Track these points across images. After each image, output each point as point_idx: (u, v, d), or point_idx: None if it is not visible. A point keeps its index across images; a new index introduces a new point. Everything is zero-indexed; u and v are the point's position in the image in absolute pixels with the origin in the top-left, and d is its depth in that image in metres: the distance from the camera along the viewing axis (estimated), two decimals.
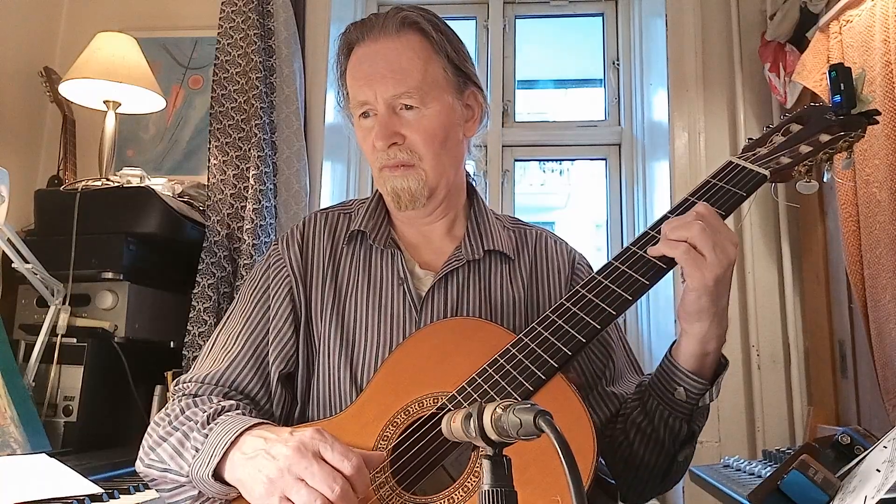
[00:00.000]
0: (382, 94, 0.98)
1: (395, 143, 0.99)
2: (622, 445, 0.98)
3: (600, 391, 1.04)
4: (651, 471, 0.98)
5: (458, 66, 1.03)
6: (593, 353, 1.06)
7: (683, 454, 0.97)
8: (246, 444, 0.83)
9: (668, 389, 0.92)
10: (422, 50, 0.99)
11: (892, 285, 1.48)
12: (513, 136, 2.57)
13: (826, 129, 0.95)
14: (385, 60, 0.98)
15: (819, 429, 1.89)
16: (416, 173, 1.00)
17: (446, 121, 1.01)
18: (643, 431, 0.96)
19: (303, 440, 0.79)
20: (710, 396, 0.92)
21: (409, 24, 1.00)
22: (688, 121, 2.23)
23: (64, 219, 1.79)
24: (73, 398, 1.66)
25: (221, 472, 0.85)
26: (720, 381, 0.92)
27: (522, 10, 2.68)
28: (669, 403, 0.92)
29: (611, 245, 2.50)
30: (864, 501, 0.72)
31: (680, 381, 0.91)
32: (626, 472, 0.99)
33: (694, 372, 0.90)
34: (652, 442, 0.95)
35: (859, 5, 1.63)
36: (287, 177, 2.18)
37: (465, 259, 1.04)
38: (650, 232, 0.92)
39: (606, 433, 1.01)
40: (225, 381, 0.99)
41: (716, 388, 0.91)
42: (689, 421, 0.93)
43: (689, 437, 0.95)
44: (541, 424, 0.53)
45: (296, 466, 0.77)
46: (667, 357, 0.93)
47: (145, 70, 2.06)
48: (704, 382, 0.90)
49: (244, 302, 1.06)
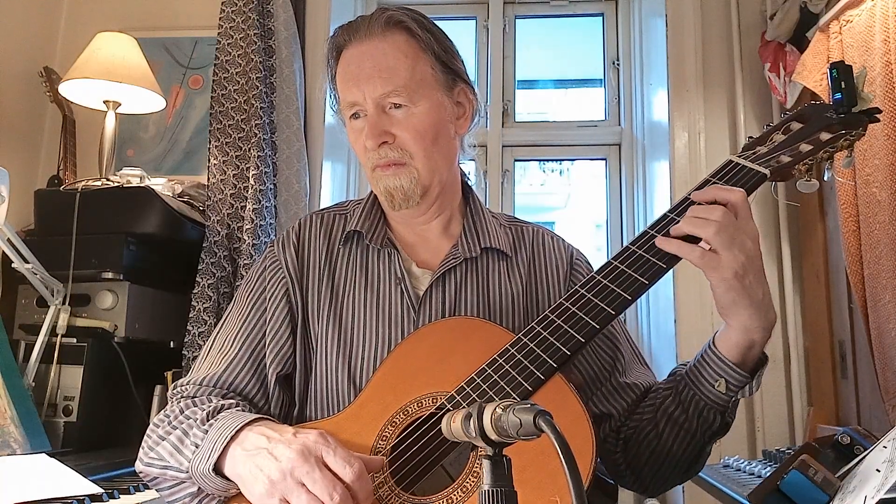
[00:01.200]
0: (370, 93, 0.98)
1: (385, 143, 0.99)
2: (649, 435, 0.97)
3: (613, 383, 1.04)
4: (677, 461, 0.97)
5: (446, 63, 1.02)
6: (600, 347, 1.05)
7: (710, 445, 0.97)
8: (248, 439, 0.83)
9: (709, 381, 0.91)
10: (408, 48, 0.99)
11: (892, 285, 1.48)
12: (513, 136, 2.57)
13: (826, 127, 0.94)
14: (372, 60, 0.98)
15: (819, 429, 1.88)
16: (408, 171, 1.00)
17: (436, 118, 1.01)
18: (675, 421, 0.95)
19: (306, 443, 0.79)
20: (751, 390, 0.91)
21: (394, 23, 1.00)
22: (688, 121, 2.23)
23: (64, 219, 1.79)
24: (73, 398, 1.66)
25: (221, 467, 0.84)
26: (761, 374, 0.91)
27: (522, 10, 2.68)
28: (707, 394, 0.91)
29: (611, 245, 2.50)
30: (864, 501, 0.72)
31: (723, 372, 0.90)
32: (651, 461, 0.98)
33: (737, 364, 0.89)
34: (683, 432, 0.94)
35: (859, 5, 1.63)
36: (287, 177, 2.19)
37: (462, 257, 1.04)
38: (650, 231, 0.92)
39: (631, 424, 1.00)
40: (222, 383, 0.99)
41: (756, 381, 0.91)
42: (723, 413, 0.92)
43: (722, 429, 0.95)
44: (541, 424, 0.53)
45: (298, 470, 0.77)
46: (710, 347, 0.92)
47: (145, 70, 2.06)
48: (747, 375, 0.89)
49: (241, 304, 1.06)
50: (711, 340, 0.92)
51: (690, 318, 2.11)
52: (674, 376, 0.99)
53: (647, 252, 0.90)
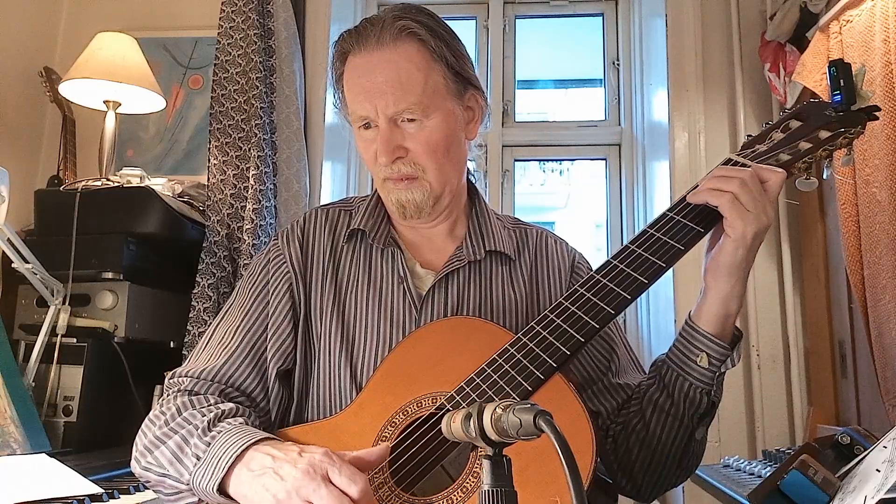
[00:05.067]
0: (383, 109, 0.96)
1: (398, 158, 0.98)
2: (637, 427, 0.96)
3: (606, 383, 1.04)
4: (668, 452, 0.96)
5: (457, 71, 1.01)
6: (596, 349, 1.05)
7: (701, 431, 0.96)
8: (254, 460, 0.82)
9: (690, 357, 0.91)
10: (420, 60, 0.98)
11: (892, 285, 1.48)
12: (513, 136, 2.57)
13: (826, 125, 0.94)
14: (383, 74, 0.96)
15: (819, 429, 1.88)
16: (421, 185, 1.00)
17: (448, 129, 1.00)
18: (661, 408, 0.94)
19: (312, 462, 0.79)
20: (732, 362, 0.91)
21: (406, 33, 0.98)
22: (688, 121, 2.23)
23: (64, 219, 1.79)
24: (73, 398, 1.66)
25: (225, 486, 0.84)
26: (739, 347, 0.92)
27: (522, 10, 2.68)
28: (690, 372, 0.91)
29: (611, 245, 2.50)
30: (864, 501, 0.72)
31: (702, 346, 0.90)
32: (641, 456, 0.97)
33: (716, 336, 0.89)
34: (670, 418, 0.94)
35: (859, 5, 1.63)
36: (287, 177, 2.19)
37: (466, 259, 1.04)
38: (650, 230, 0.92)
39: (619, 420, 1.00)
40: (221, 377, 0.98)
41: (736, 353, 0.91)
42: (708, 392, 0.92)
43: (710, 409, 0.94)
44: (541, 424, 0.53)
45: (304, 489, 0.77)
46: (687, 323, 0.93)
47: (145, 70, 2.06)
48: (727, 347, 0.90)
49: (243, 297, 1.05)
50: (688, 317, 0.93)
51: None
52: (654, 364, 0.99)
53: (647, 251, 0.90)
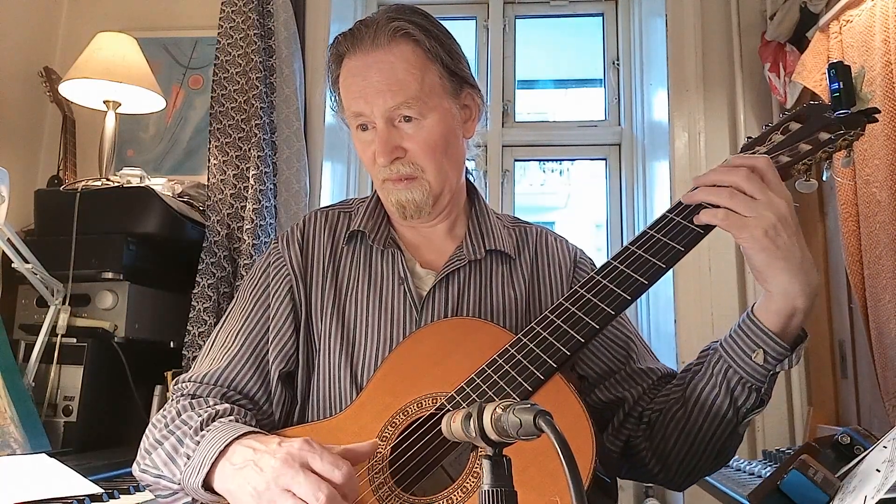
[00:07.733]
0: (379, 107, 0.97)
1: (397, 158, 0.99)
2: (677, 415, 0.93)
3: (628, 370, 1.03)
4: (708, 443, 0.92)
5: (453, 70, 1.02)
6: (611, 341, 1.04)
7: (745, 426, 0.92)
8: (235, 454, 0.83)
9: (746, 352, 0.86)
10: (416, 60, 0.98)
11: (892, 285, 1.48)
12: (513, 136, 2.57)
13: (825, 127, 0.94)
14: (379, 73, 0.97)
15: (819, 429, 1.89)
16: (420, 185, 1.00)
17: (446, 128, 1.00)
18: (706, 399, 0.90)
19: (290, 451, 0.79)
20: (790, 363, 0.86)
21: (400, 34, 0.98)
22: (688, 121, 2.23)
23: (64, 219, 1.79)
24: (73, 398, 1.66)
25: (211, 482, 0.84)
26: (800, 350, 0.87)
27: (522, 10, 2.68)
28: (743, 367, 0.87)
29: (611, 245, 2.50)
30: (864, 501, 0.72)
31: (761, 342, 0.85)
32: (679, 445, 0.94)
33: (777, 334, 0.85)
34: (715, 409, 0.90)
35: (859, 5, 1.63)
36: (287, 177, 2.19)
37: (466, 259, 1.04)
38: (649, 231, 0.92)
39: (655, 405, 0.98)
40: (224, 380, 0.98)
41: (795, 355, 0.86)
42: (758, 389, 0.88)
43: (757, 406, 0.89)
44: (541, 424, 0.53)
45: (283, 478, 0.77)
46: (748, 316, 0.87)
47: (145, 70, 2.06)
48: (787, 347, 0.85)
49: (244, 300, 1.06)
50: (750, 310, 0.88)
51: (690, 318, 2.10)
52: (704, 352, 0.95)
53: (647, 252, 0.90)
